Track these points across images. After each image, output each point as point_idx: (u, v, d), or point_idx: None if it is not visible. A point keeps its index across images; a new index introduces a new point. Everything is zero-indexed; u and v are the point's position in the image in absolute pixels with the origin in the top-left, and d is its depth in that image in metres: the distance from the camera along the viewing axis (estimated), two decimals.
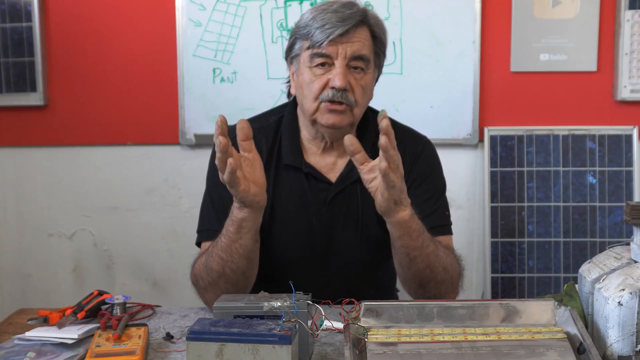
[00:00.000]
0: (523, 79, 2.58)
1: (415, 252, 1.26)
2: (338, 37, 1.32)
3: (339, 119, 1.35)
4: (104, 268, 2.77)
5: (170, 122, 2.65)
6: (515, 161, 2.55)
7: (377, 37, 1.40)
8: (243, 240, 1.24)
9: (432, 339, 1.00)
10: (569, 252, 2.53)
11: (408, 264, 1.28)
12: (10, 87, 2.67)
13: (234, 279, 1.28)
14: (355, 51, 1.34)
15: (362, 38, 1.35)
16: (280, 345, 0.94)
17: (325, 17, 1.33)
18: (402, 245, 1.26)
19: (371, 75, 1.40)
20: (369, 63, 1.38)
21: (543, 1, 2.53)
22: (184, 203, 2.71)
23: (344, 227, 1.43)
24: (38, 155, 2.75)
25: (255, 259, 1.30)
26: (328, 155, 1.46)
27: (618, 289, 0.98)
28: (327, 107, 1.34)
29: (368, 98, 1.42)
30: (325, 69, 1.35)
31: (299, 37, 1.39)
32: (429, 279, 1.30)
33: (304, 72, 1.37)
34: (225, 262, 1.27)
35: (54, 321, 1.23)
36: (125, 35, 2.64)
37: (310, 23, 1.35)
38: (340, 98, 1.33)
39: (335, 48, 1.33)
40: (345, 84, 1.33)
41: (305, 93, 1.37)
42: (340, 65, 1.33)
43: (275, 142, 1.46)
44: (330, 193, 1.42)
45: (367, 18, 1.37)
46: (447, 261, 1.33)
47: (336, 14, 1.33)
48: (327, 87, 1.34)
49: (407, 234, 1.24)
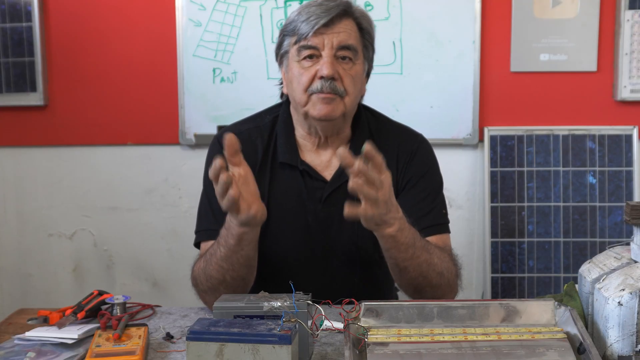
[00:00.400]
0: (523, 79, 2.58)
1: (405, 263, 1.25)
2: (323, 27, 1.33)
3: (330, 108, 1.35)
4: (104, 268, 2.78)
5: (170, 122, 2.65)
6: (515, 161, 2.55)
7: (363, 28, 1.40)
8: (244, 251, 1.24)
9: (432, 339, 1.00)
10: (569, 252, 2.53)
11: (399, 273, 1.28)
12: (10, 87, 2.67)
13: (234, 284, 1.29)
14: (341, 41, 1.34)
15: (348, 29, 1.36)
16: (280, 345, 0.94)
17: (310, 11, 1.35)
18: (390, 257, 1.25)
19: (360, 67, 1.40)
20: (357, 53, 1.38)
21: (543, 1, 2.53)
22: (184, 203, 2.71)
23: (340, 226, 1.43)
24: (38, 155, 2.75)
25: (254, 264, 1.31)
26: (323, 152, 1.45)
27: (618, 289, 0.98)
28: (318, 97, 1.35)
29: (359, 89, 1.42)
30: (313, 61, 1.35)
31: (287, 34, 1.40)
32: (424, 285, 1.29)
33: (293, 66, 1.38)
34: (226, 270, 1.27)
35: (54, 321, 1.23)
36: (125, 35, 2.64)
37: (295, 19, 1.37)
38: (329, 88, 1.33)
39: (321, 39, 1.34)
40: (333, 73, 1.33)
41: (294, 86, 1.38)
42: (327, 55, 1.34)
43: (271, 141, 1.46)
44: (325, 191, 1.42)
45: (351, 9, 1.38)
46: (443, 266, 1.31)
47: (320, 6, 1.35)
48: (315, 78, 1.34)
49: (395, 247, 1.22)
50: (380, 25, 2.53)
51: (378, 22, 2.51)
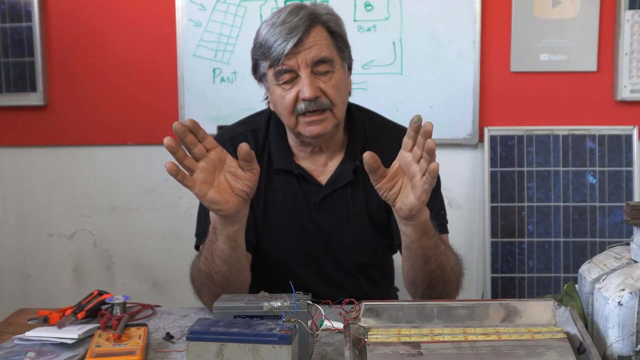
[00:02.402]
0: (523, 79, 2.58)
1: (431, 252, 1.25)
2: (294, 47, 1.30)
3: (321, 127, 1.34)
4: (104, 268, 2.77)
5: (170, 122, 2.59)
6: (515, 161, 2.55)
7: (334, 31, 1.36)
8: (219, 242, 1.22)
9: (432, 339, 1.00)
10: (569, 252, 2.53)
11: (422, 265, 1.27)
12: (10, 87, 2.67)
13: (219, 281, 1.27)
14: (315, 56, 1.31)
15: (318, 39, 1.32)
16: (280, 345, 0.94)
17: (275, 32, 1.31)
18: (420, 247, 1.23)
19: (340, 72, 1.37)
20: (334, 62, 1.35)
21: (543, 1, 2.52)
22: (184, 203, 2.71)
23: (335, 229, 1.44)
24: (38, 155, 2.75)
25: (235, 266, 1.26)
26: (318, 157, 1.45)
27: (618, 289, 0.98)
28: (306, 120, 1.33)
29: (345, 95, 1.40)
30: (293, 83, 1.33)
31: (259, 58, 1.38)
32: (439, 279, 1.30)
33: (274, 90, 1.37)
34: (210, 262, 1.26)
35: (54, 321, 1.23)
36: (125, 35, 2.64)
37: (263, 42, 1.33)
38: (314, 107, 1.32)
39: (294, 60, 1.31)
40: (315, 92, 1.31)
41: (280, 110, 1.37)
42: (305, 75, 1.31)
43: (266, 145, 1.46)
44: (320, 195, 1.42)
45: (317, 17, 1.33)
46: (454, 260, 1.34)
47: (284, 25, 1.30)
48: (299, 99, 1.32)
49: (426, 234, 1.22)
50: (380, 25, 2.53)
51: (378, 22, 2.52)
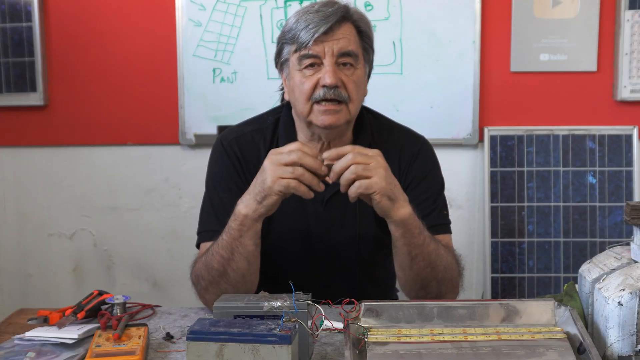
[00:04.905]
0: (523, 79, 2.58)
1: (416, 250, 1.26)
2: (323, 35, 1.32)
3: (335, 118, 1.35)
4: (104, 268, 2.77)
5: (170, 122, 2.65)
6: (515, 161, 2.55)
7: (362, 31, 1.39)
8: (244, 238, 1.25)
9: (432, 339, 1.00)
10: (569, 252, 2.53)
11: (409, 264, 1.28)
12: (10, 87, 2.67)
13: (235, 279, 1.28)
14: (342, 48, 1.34)
15: (347, 34, 1.35)
16: (280, 345, 0.94)
17: (308, 18, 1.33)
18: (404, 244, 1.26)
19: (362, 71, 1.39)
20: (358, 58, 1.37)
21: (543, 1, 2.53)
22: (184, 203, 2.71)
23: (341, 228, 1.44)
24: (38, 155, 2.75)
25: (254, 262, 1.30)
26: None
27: (618, 289, 0.98)
28: (321, 108, 1.34)
29: (362, 94, 1.41)
30: (315, 69, 1.34)
31: (286, 42, 1.39)
32: (431, 278, 1.30)
33: (294, 75, 1.37)
34: (227, 260, 1.27)
35: (54, 321, 1.23)
36: (125, 35, 2.64)
37: (294, 26, 1.35)
38: (332, 95, 1.33)
39: (321, 47, 1.33)
40: (336, 81, 1.32)
41: (297, 95, 1.37)
42: (329, 63, 1.33)
43: (273, 143, 1.46)
44: (327, 194, 1.42)
45: (349, 14, 1.37)
46: (448, 260, 1.34)
47: (318, 13, 1.33)
48: (318, 86, 1.34)
49: (409, 232, 1.25)
50: (380, 25, 2.53)
51: (378, 22, 2.52)
